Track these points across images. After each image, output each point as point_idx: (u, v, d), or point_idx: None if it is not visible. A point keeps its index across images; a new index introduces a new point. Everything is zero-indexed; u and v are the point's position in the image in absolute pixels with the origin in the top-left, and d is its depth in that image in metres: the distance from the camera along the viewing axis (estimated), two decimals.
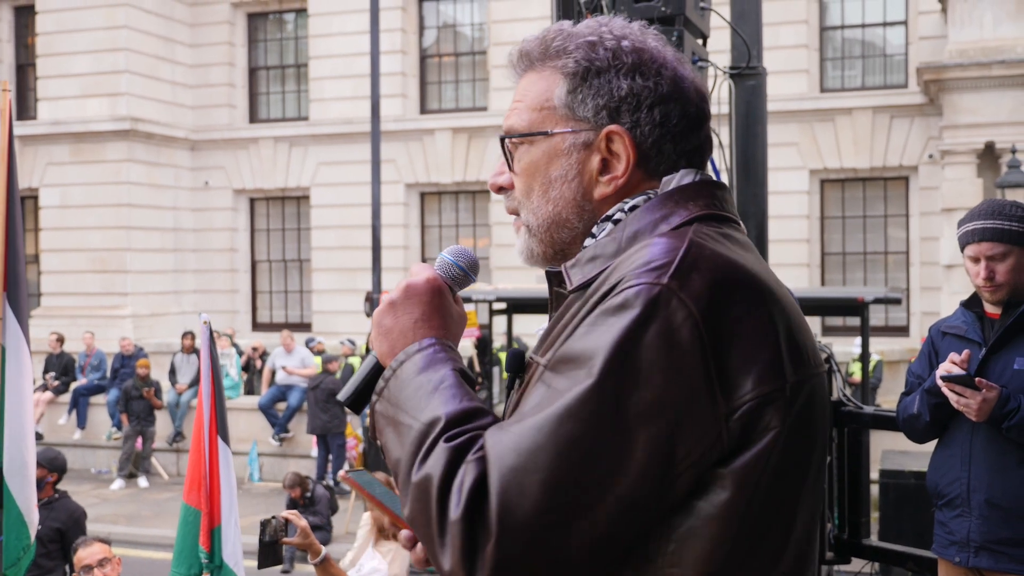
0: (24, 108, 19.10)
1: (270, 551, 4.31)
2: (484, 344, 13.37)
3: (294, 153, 19.00)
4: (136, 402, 14.14)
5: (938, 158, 14.68)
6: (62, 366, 15.79)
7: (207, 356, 4.38)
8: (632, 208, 1.32)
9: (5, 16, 19.61)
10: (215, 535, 4.28)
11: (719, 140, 6.20)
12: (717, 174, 5.83)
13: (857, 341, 12.20)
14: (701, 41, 5.64)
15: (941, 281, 14.04)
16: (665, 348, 1.13)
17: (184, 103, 19.35)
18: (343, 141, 18.47)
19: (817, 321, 15.06)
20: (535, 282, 11.56)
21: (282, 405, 14.31)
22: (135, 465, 14.28)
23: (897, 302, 9.56)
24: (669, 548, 1.16)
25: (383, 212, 13.63)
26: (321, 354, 14.56)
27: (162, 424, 14.66)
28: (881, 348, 14.12)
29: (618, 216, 1.33)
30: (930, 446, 3.82)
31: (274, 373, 14.75)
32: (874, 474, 7.46)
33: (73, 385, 15.58)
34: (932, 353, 3.74)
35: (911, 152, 15.93)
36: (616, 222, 1.32)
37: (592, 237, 1.34)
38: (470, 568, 1.13)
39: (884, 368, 13.87)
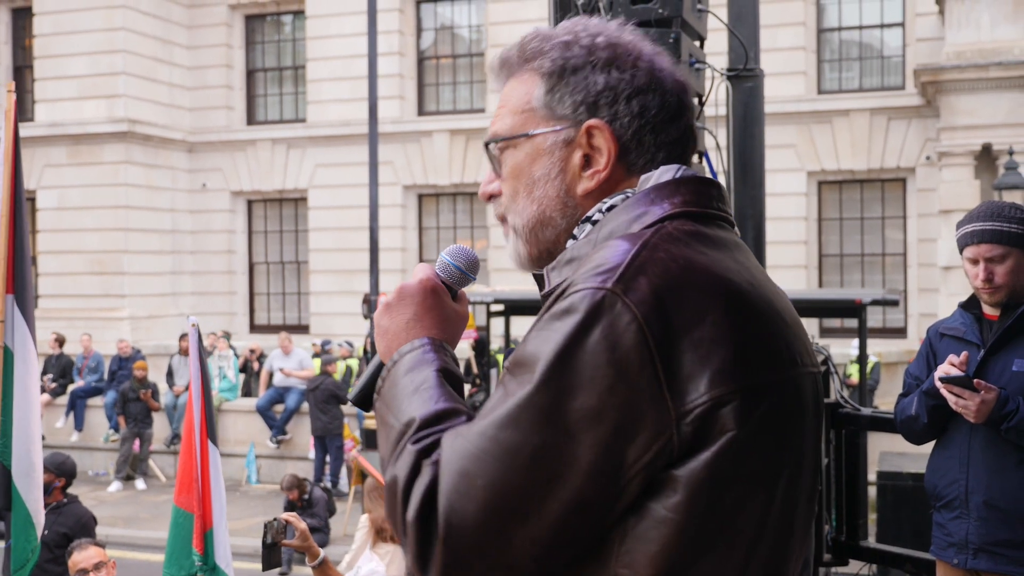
0: (21, 110, 18.91)
1: (272, 553, 4.32)
2: (482, 346, 13.36)
3: (292, 155, 19.00)
4: (133, 404, 14.13)
5: (935, 160, 14.69)
6: (60, 368, 15.76)
7: (196, 359, 4.42)
8: (610, 208, 1.32)
9: (2, 18, 19.60)
10: (208, 538, 4.29)
11: (716, 142, 6.21)
12: (715, 175, 5.82)
13: (854, 343, 12.21)
14: (698, 43, 5.65)
15: (939, 283, 14.05)
16: (608, 352, 1.13)
17: (182, 105, 19.34)
18: (341, 143, 18.46)
19: (815, 323, 15.07)
20: (533, 284, 11.53)
21: (280, 407, 14.30)
22: (132, 467, 14.27)
23: (894, 304, 9.56)
24: (621, 549, 1.16)
25: (381, 214, 13.61)
26: (319, 356, 14.56)
27: (159, 426, 14.64)
28: (879, 350, 14.12)
29: (596, 217, 1.33)
30: (928, 447, 3.81)
31: (272, 375, 14.75)
32: (872, 476, 7.45)
33: (70, 387, 15.56)
34: (930, 355, 3.73)
35: (908, 154, 15.94)
36: (595, 223, 1.32)
37: (573, 238, 1.35)
38: (423, 568, 1.16)
39: (882, 370, 13.88)
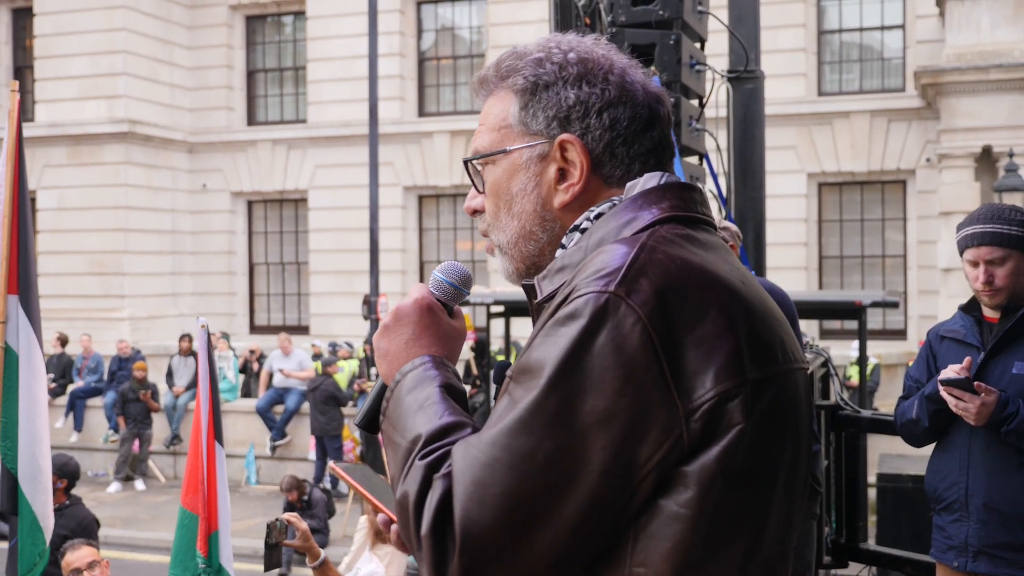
0: (21, 110, 19.02)
1: (273, 553, 4.33)
2: (481, 347, 13.35)
3: (292, 156, 19.00)
4: (133, 405, 14.12)
5: (935, 162, 14.69)
6: (61, 368, 15.76)
7: (205, 360, 4.38)
8: (598, 216, 1.35)
9: (3, 18, 19.60)
10: (213, 540, 4.27)
11: (717, 143, 6.21)
12: (715, 177, 5.82)
13: (854, 345, 12.20)
14: (699, 45, 5.65)
15: (939, 285, 14.05)
16: (615, 354, 1.15)
17: (182, 105, 19.34)
18: (341, 144, 18.46)
19: (815, 324, 15.07)
20: None
21: (280, 408, 14.30)
22: (132, 468, 14.26)
23: (894, 306, 9.56)
24: (635, 548, 1.17)
25: (381, 215, 13.62)
26: (318, 357, 14.55)
27: (159, 427, 14.63)
28: (879, 352, 14.12)
29: (585, 225, 1.35)
30: (928, 450, 3.81)
31: (271, 376, 14.74)
32: (871, 478, 7.45)
33: (70, 387, 15.56)
34: (930, 357, 3.73)
35: (909, 156, 15.94)
36: (583, 231, 1.35)
37: (562, 247, 1.37)
38: None
39: (881, 372, 13.88)
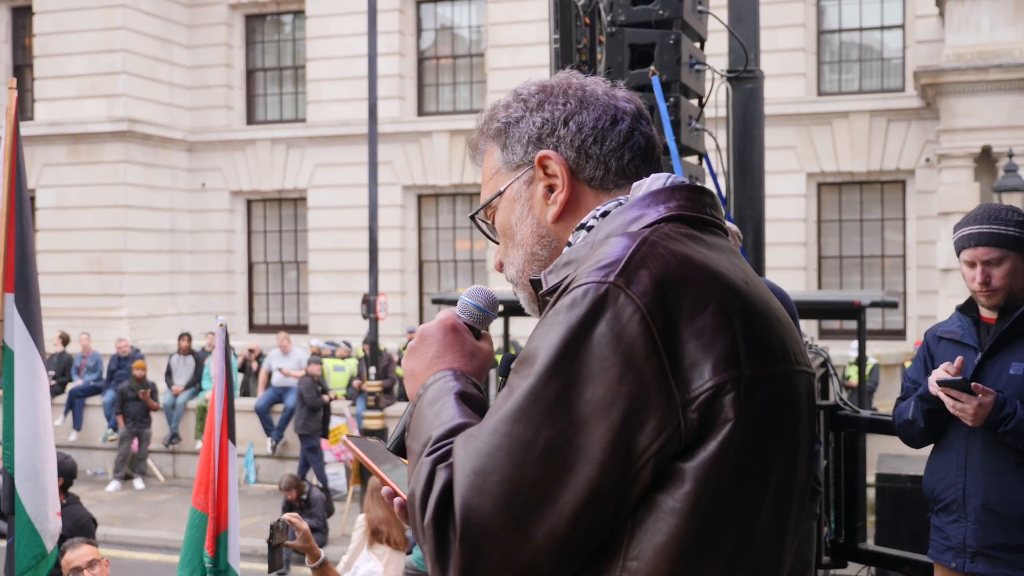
0: (21, 109, 18.88)
1: (276, 555, 4.33)
2: None
3: (291, 155, 19.00)
4: (132, 404, 14.12)
5: (935, 162, 14.69)
6: (61, 366, 15.76)
7: (221, 358, 4.33)
8: (604, 214, 1.38)
9: (2, 17, 19.60)
10: (221, 540, 4.22)
11: (716, 143, 6.21)
12: (714, 176, 5.82)
13: (853, 345, 12.19)
14: (699, 44, 5.65)
15: (938, 285, 14.05)
16: (614, 343, 1.16)
17: (181, 104, 19.34)
18: (340, 143, 18.46)
19: (814, 324, 15.07)
20: None
21: (279, 407, 14.28)
22: (131, 467, 14.26)
23: (894, 306, 9.55)
24: (631, 541, 1.18)
25: (380, 214, 13.61)
26: (316, 356, 14.53)
27: (158, 426, 14.63)
28: (878, 352, 14.12)
29: (591, 223, 1.38)
30: (927, 450, 3.81)
31: (270, 375, 14.73)
32: (870, 478, 7.46)
33: (69, 386, 15.56)
34: (928, 358, 3.73)
35: (908, 156, 15.95)
36: (589, 228, 1.38)
37: (569, 245, 1.40)
38: (442, 569, 1.18)
39: (880, 372, 13.88)
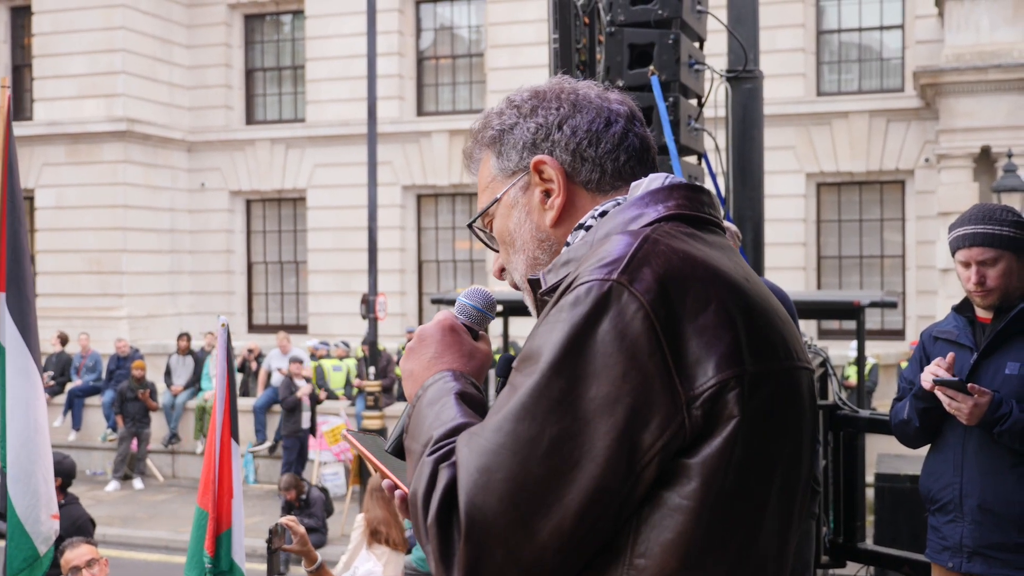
0: (20, 109, 19.05)
1: (275, 558, 4.34)
2: None
3: (291, 155, 19.00)
4: (131, 404, 14.12)
5: (934, 162, 14.70)
6: (60, 366, 15.76)
7: (223, 357, 4.32)
8: (603, 214, 1.38)
9: (1, 17, 19.58)
10: (222, 540, 4.19)
11: (716, 143, 6.21)
12: (713, 176, 5.83)
13: (853, 345, 12.19)
14: (698, 44, 5.65)
15: (937, 285, 14.06)
16: (618, 341, 1.16)
17: (181, 104, 19.34)
18: (340, 143, 18.46)
19: (813, 324, 15.07)
20: None
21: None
22: (130, 467, 14.25)
23: (893, 306, 9.56)
24: (637, 539, 1.18)
25: (379, 214, 13.61)
26: (314, 357, 14.52)
27: (157, 426, 14.63)
28: (877, 352, 14.12)
29: (590, 223, 1.39)
30: (925, 450, 3.82)
31: (270, 375, 14.73)
32: (869, 478, 7.46)
33: (68, 386, 15.55)
34: (923, 358, 3.73)
35: (907, 156, 15.95)
36: (588, 228, 1.38)
37: (567, 245, 1.40)
38: (446, 568, 1.18)
39: (880, 372, 13.88)
